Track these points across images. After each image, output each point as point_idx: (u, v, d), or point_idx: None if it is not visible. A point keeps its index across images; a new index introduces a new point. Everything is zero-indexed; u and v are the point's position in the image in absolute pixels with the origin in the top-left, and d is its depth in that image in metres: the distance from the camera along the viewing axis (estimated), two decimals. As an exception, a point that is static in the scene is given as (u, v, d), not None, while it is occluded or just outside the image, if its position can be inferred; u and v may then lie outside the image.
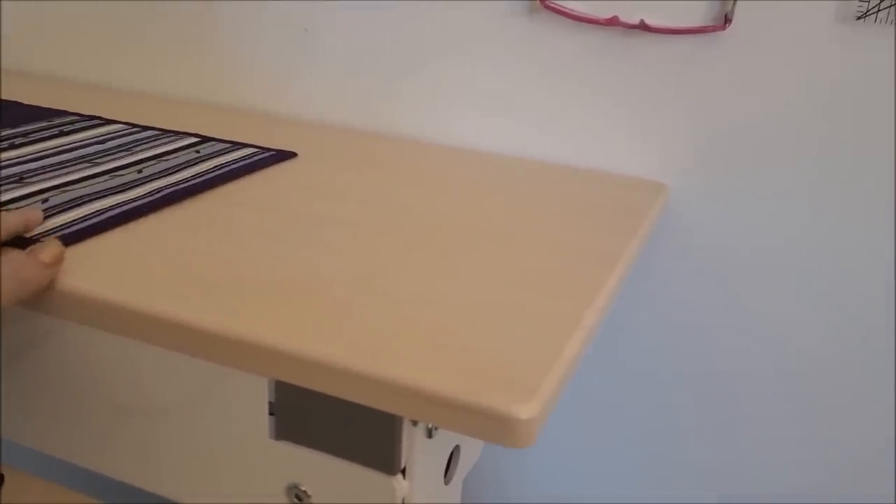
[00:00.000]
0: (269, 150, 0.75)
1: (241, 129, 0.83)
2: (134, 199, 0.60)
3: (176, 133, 0.78)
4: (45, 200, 0.58)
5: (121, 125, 0.80)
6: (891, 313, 0.72)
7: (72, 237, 0.52)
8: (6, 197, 0.59)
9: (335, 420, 0.43)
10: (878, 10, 0.64)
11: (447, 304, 0.47)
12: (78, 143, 0.73)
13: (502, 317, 0.46)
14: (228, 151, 0.74)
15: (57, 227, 0.54)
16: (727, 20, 0.69)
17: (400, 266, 0.52)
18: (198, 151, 0.73)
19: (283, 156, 0.74)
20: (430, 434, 0.44)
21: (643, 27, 0.70)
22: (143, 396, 0.53)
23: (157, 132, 0.79)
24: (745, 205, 0.74)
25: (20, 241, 0.51)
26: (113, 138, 0.75)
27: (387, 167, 0.74)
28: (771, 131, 0.71)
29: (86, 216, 0.56)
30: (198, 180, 0.65)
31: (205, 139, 0.77)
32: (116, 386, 0.53)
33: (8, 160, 0.67)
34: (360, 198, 0.65)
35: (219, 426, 0.49)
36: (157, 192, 0.61)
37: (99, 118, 0.82)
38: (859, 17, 0.65)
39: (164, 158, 0.70)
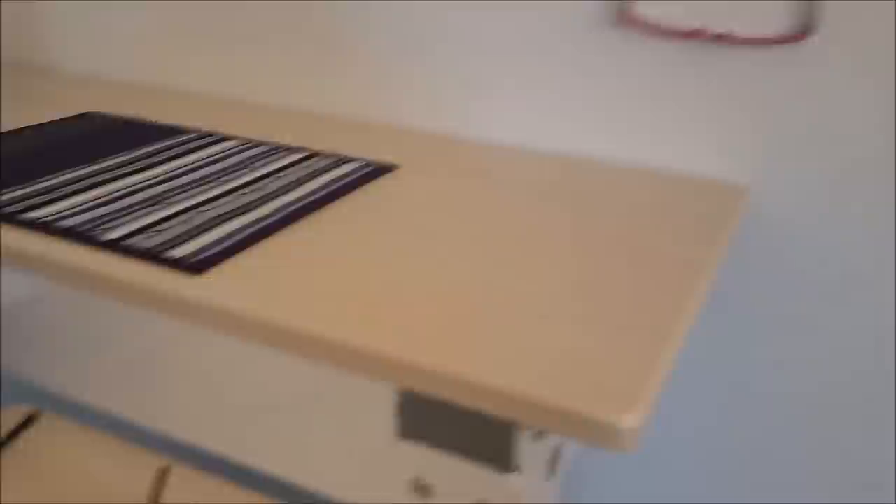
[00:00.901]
0: (372, 163, 0.82)
1: (344, 139, 0.90)
2: (262, 219, 0.67)
3: (286, 148, 0.86)
4: (187, 220, 0.66)
5: (234, 142, 0.88)
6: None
7: (215, 258, 0.60)
8: (153, 218, 0.67)
9: (456, 423, 0.50)
10: (965, 19, 0.65)
11: (554, 316, 0.52)
12: (202, 162, 0.81)
13: (604, 328, 0.51)
14: (336, 166, 0.80)
15: (200, 248, 0.61)
16: (808, 30, 0.71)
17: (505, 278, 0.58)
18: (309, 167, 0.80)
19: (384, 169, 0.81)
20: (539, 436, 0.50)
21: (725, 38, 0.73)
22: (279, 394, 0.60)
23: (268, 147, 0.86)
24: (822, 203, 0.77)
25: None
26: (231, 155, 0.83)
27: (481, 175, 0.80)
28: (849, 135, 0.73)
29: (223, 237, 0.63)
30: (314, 197, 0.72)
31: (312, 154, 0.84)
32: (256, 384, 0.61)
33: (146, 181, 0.75)
34: (458, 208, 0.71)
35: (350, 423, 0.56)
36: (281, 211, 0.68)
37: (216, 134, 0.90)
38: (945, 27, 0.66)
39: (279, 175, 0.78)
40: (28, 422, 0.64)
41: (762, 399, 0.87)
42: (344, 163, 0.82)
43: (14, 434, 0.63)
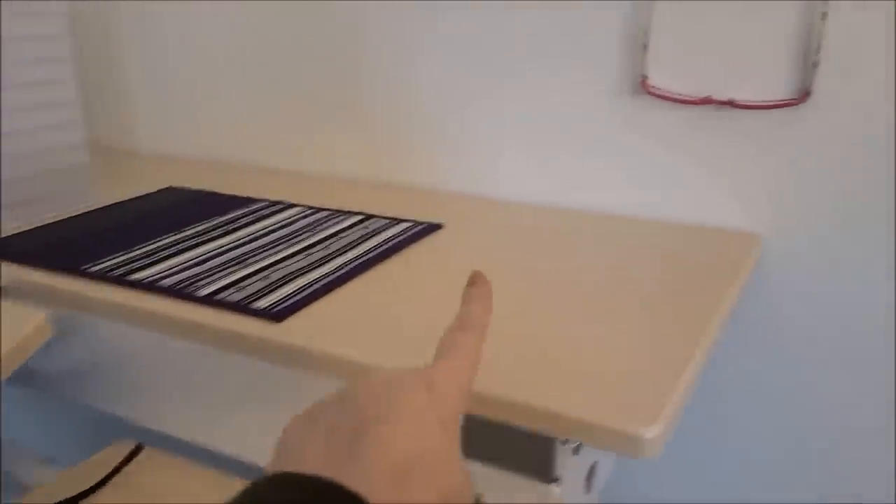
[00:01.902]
0: (421, 223, 0.92)
1: (393, 203, 1.01)
2: (328, 274, 0.77)
3: (344, 212, 0.97)
4: (266, 277, 0.77)
5: (300, 208, 0.99)
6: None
7: (292, 308, 0.70)
8: (236, 276, 0.77)
9: (502, 439, 0.58)
10: (944, 80, 0.73)
11: (587, 347, 0.61)
12: (273, 227, 0.92)
13: (632, 355, 0.60)
14: (390, 227, 0.91)
15: (279, 300, 0.71)
16: (808, 93, 0.80)
17: (541, 315, 0.66)
18: (366, 228, 0.91)
19: (432, 227, 0.91)
20: (576, 451, 0.58)
21: (732, 104, 0.83)
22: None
23: (329, 212, 0.97)
24: (826, 248, 0.84)
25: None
26: (297, 220, 0.94)
27: (517, 230, 0.89)
28: (850, 189, 0.81)
29: (299, 289, 0.73)
30: (372, 254, 0.82)
31: (368, 216, 0.95)
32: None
33: (227, 245, 0.86)
34: (498, 260, 0.80)
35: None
36: (345, 266, 0.79)
37: (282, 202, 1.01)
38: (926, 86, 0.74)
39: (341, 236, 0.88)
40: (133, 454, 0.74)
41: (766, 430, 0.93)
42: (396, 223, 0.92)
43: (122, 465, 0.73)
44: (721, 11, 0.82)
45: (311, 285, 0.74)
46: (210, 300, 0.72)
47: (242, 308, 0.70)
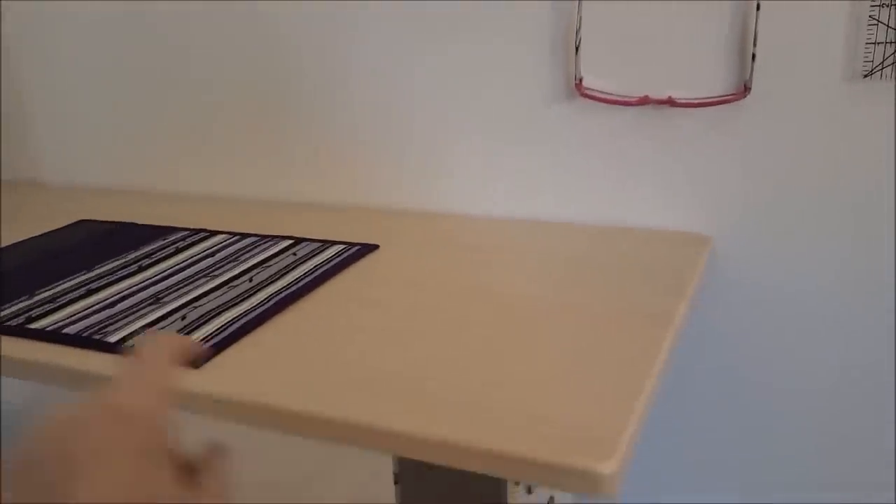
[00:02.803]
0: (354, 244, 0.86)
1: (327, 224, 0.95)
2: (252, 309, 0.71)
3: (272, 237, 0.90)
4: (184, 318, 0.70)
5: (224, 235, 0.92)
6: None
7: (214, 349, 0.63)
8: (150, 318, 0.70)
9: (451, 484, 0.53)
10: (883, 68, 0.71)
11: (530, 381, 0.56)
12: (193, 259, 0.85)
13: (577, 388, 0.55)
14: (321, 251, 0.85)
15: (198, 341, 0.65)
16: (747, 88, 0.77)
17: (483, 349, 0.61)
18: (295, 254, 0.84)
19: (367, 249, 0.85)
20: (529, 490, 0.53)
21: (671, 103, 0.79)
22: (283, 471, 0.63)
23: (255, 238, 0.90)
24: (772, 245, 0.81)
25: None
26: (220, 249, 0.87)
27: (456, 246, 0.84)
28: (792, 181, 0.79)
29: (218, 329, 0.67)
30: (300, 284, 0.76)
31: (298, 241, 0.89)
32: (260, 465, 0.64)
33: (142, 282, 0.79)
34: (435, 283, 0.75)
35: (353, 494, 0.59)
36: (270, 300, 0.72)
37: (205, 230, 0.94)
38: (866, 76, 0.72)
39: (267, 265, 0.82)
40: None
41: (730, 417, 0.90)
42: (328, 247, 0.86)
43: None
44: (653, 6, 0.79)
45: (234, 323, 0.68)
46: (120, 347, 0.65)
47: (155, 354, 0.63)
